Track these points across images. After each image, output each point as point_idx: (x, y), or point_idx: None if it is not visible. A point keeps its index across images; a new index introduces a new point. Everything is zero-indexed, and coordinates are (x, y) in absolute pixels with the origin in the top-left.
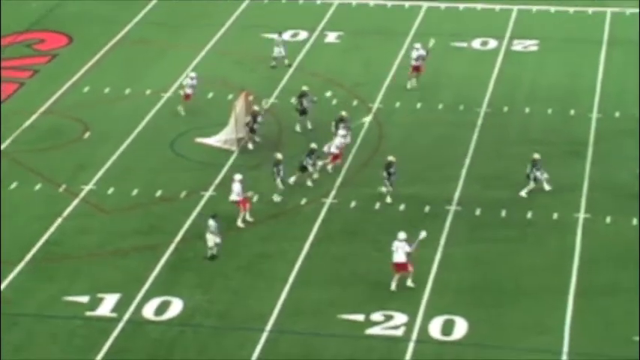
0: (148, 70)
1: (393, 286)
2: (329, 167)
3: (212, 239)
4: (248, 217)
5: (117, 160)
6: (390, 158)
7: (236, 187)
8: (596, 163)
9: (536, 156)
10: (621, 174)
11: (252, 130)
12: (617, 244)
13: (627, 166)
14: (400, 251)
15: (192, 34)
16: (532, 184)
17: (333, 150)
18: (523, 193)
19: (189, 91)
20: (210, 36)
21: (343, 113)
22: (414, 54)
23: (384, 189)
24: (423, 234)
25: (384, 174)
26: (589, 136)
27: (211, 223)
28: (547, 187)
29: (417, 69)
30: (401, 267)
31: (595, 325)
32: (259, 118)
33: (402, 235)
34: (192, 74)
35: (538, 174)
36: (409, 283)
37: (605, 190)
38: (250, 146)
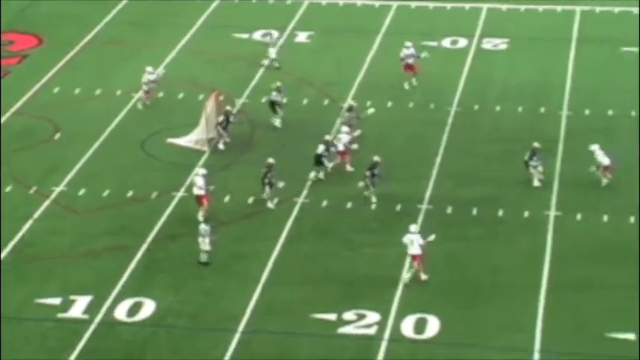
0: (118, 70)
1: (423, 276)
2: (347, 166)
3: (206, 243)
4: (200, 217)
5: (88, 161)
6: (376, 158)
7: (199, 181)
8: (567, 161)
9: (536, 145)
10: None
11: (224, 130)
12: (588, 241)
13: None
14: (415, 244)
15: (162, 34)
16: (533, 171)
17: (340, 148)
18: (536, 183)
19: (146, 87)
20: (180, 36)
21: (353, 102)
22: (405, 52)
23: (361, 183)
24: (432, 237)
25: (367, 173)
26: (559, 134)
27: (203, 227)
28: (536, 182)
29: (410, 68)
30: (416, 258)
31: (567, 322)
32: (232, 118)
33: (413, 227)
34: (150, 69)
35: (532, 163)
36: (423, 277)
37: (575, 187)
38: (221, 146)
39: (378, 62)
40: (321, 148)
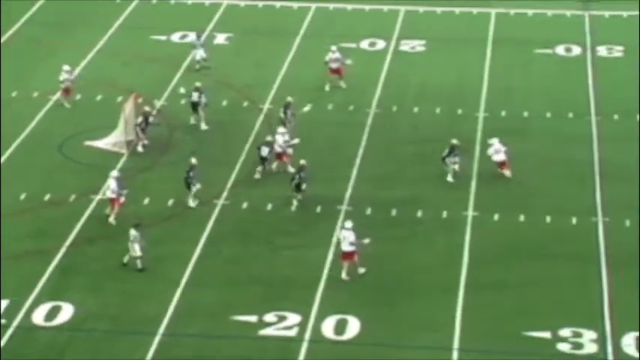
0: (34, 71)
1: (344, 274)
2: (289, 167)
3: (136, 249)
4: (112, 220)
5: (4, 164)
6: (302, 162)
7: (112, 184)
8: (484, 162)
9: (454, 142)
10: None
11: (143, 132)
12: (504, 241)
13: (514, 164)
14: (346, 241)
15: (80, 34)
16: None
17: (277, 149)
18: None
19: (63, 85)
20: (98, 37)
21: (289, 99)
22: (330, 56)
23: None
24: (367, 240)
25: (297, 177)
26: (476, 135)
27: (133, 232)
28: (450, 178)
29: (336, 71)
30: (348, 256)
31: (484, 320)
32: (151, 119)
33: (348, 223)
34: (67, 67)
35: (450, 159)
36: (360, 270)
37: (492, 187)
38: (140, 148)
39: (297, 64)
40: (265, 151)
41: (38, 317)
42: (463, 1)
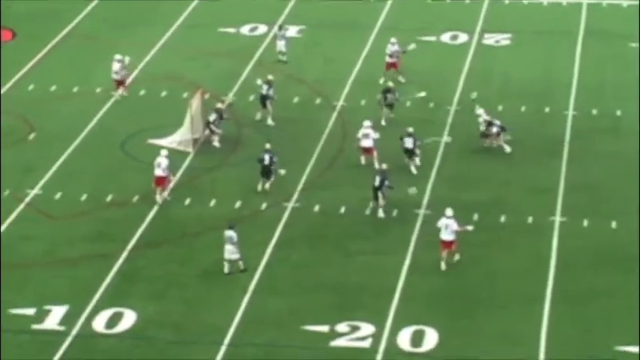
0: (97, 67)
1: (443, 265)
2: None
3: (231, 252)
4: (165, 195)
5: (64, 162)
6: (384, 166)
7: (164, 162)
8: (573, 163)
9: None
10: (599, 174)
11: (218, 127)
12: (594, 249)
13: (605, 166)
14: (449, 229)
15: (143, 29)
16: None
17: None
18: (413, 169)
19: (116, 76)
20: (163, 31)
21: (389, 84)
22: (390, 49)
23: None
24: (470, 227)
25: (377, 183)
26: (565, 135)
27: (229, 233)
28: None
29: (392, 65)
30: (449, 244)
31: (572, 333)
32: (225, 115)
33: (449, 211)
34: (119, 56)
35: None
36: (456, 257)
37: (582, 191)
38: (217, 144)
39: (373, 59)
40: (409, 142)
41: (99, 324)
42: None
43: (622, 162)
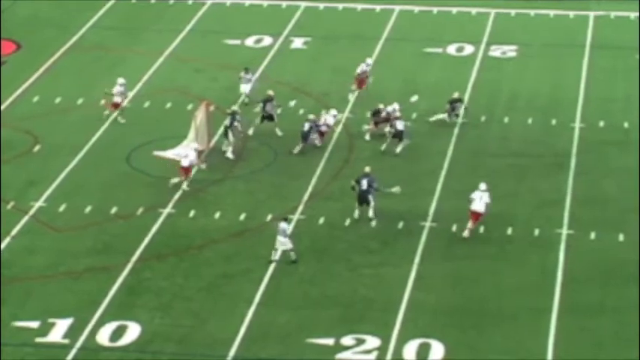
0: (101, 78)
1: (466, 232)
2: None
3: (283, 243)
4: (185, 185)
5: (69, 174)
6: (367, 169)
7: (192, 155)
8: (580, 176)
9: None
10: (606, 187)
11: (232, 134)
12: (601, 262)
13: (612, 179)
14: (482, 201)
15: (148, 39)
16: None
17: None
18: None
19: (117, 99)
20: (168, 42)
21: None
22: (361, 68)
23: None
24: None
25: (365, 186)
26: (572, 147)
27: (284, 225)
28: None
29: (360, 82)
30: (478, 216)
31: (579, 347)
32: (237, 123)
33: (483, 185)
34: (122, 80)
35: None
36: (470, 226)
37: (589, 204)
38: (230, 155)
39: (379, 71)
40: (364, 184)
41: (103, 337)
42: (559, 2)
43: (629, 174)
